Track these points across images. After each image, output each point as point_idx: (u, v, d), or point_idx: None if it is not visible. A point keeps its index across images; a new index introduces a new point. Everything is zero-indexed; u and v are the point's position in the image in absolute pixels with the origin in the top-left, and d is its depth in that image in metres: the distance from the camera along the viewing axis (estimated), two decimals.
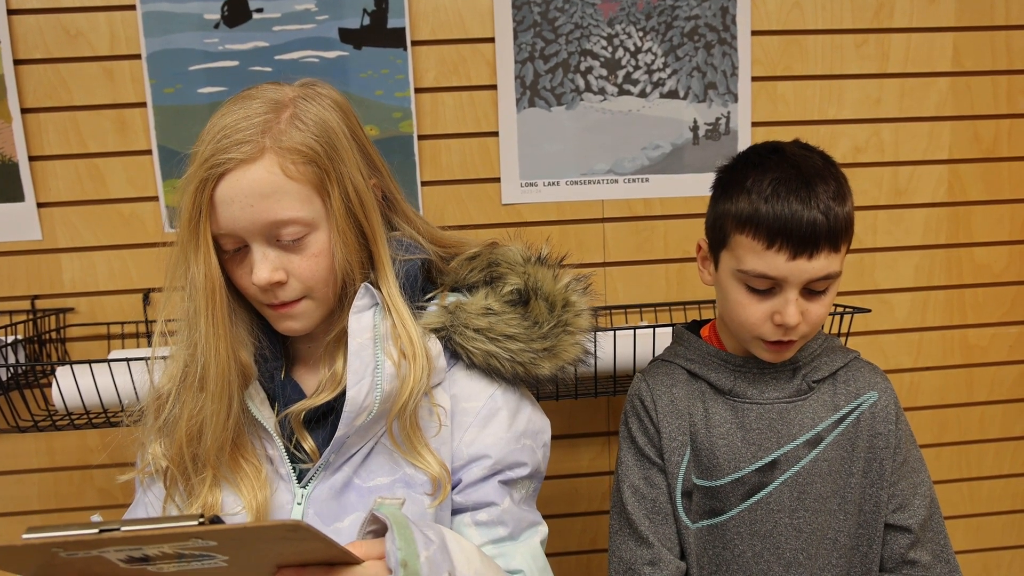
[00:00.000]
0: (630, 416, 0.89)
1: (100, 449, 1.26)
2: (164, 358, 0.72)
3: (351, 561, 0.52)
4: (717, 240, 0.82)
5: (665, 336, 1.02)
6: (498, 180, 1.27)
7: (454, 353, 0.74)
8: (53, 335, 1.21)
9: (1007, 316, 1.42)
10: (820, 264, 0.75)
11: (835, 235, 0.76)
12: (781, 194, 0.75)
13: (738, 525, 0.83)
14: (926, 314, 1.40)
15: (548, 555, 0.74)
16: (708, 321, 0.94)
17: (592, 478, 1.37)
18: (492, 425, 0.72)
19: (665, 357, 0.93)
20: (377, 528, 0.58)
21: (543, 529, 0.74)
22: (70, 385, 1.05)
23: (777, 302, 0.77)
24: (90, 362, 1.04)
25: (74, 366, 1.04)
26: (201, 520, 0.45)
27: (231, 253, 0.67)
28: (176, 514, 0.69)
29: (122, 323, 1.24)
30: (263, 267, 0.65)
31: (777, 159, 0.79)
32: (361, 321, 0.68)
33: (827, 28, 1.29)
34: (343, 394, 0.67)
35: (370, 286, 0.69)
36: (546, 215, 1.29)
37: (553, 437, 1.39)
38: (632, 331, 1.12)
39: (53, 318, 1.21)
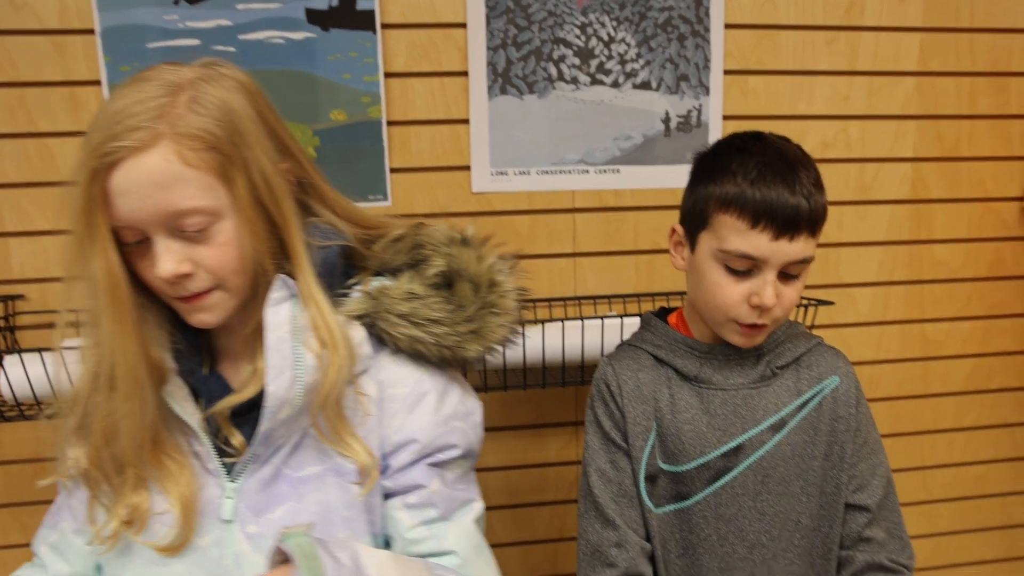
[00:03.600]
0: (596, 400, 0.89)
1: (54, 442, 1.21)
2: (69, 348, 0.68)
3: None
4: (696, 222, 0.83)
5: (633, 326, 1.02)
6: (468, 168, 1.26)
7: (380, 339, 0.72)
8: (1, 323, 1.16)
9: (963, 312, 1.46)
10: (799, 247, 0.78)
11: (814, 220, 0.78)
12: (767, 177, 0.77)
13: (703, 509, 0.84)
14: (887, 308, 1.44)
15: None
16: (676, 309, 0.95)
17: (560, 467, 1.37)
18: (419, 410, 0.71)
19: (632, 342, 0.93)
20: (286, 557, 0.58)
21: (478, 506, 0.74)
22: (19, 375, 1.01)
23: (755, 283, 0.79)
24: (40, 350, 1.00)
25: (23, 355, 1.00)
26: None
27: (133, 245, 0.64)
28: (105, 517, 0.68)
29: (76, 311, 1.19)
30: (167, 259, 0.62)
31: (760, 145, 0.81)
32: (279, 314, 0.66)
33: (799, 24, 1.30)
34: None
35: (287, 277, 0.67)
36: (517, 205, 1.28)
37: (521, 427, 1.39)
38: (600, 321, 1.13)
39: (1, 305, 1.16)
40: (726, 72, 1.29)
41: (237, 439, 0.68)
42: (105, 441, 0.65)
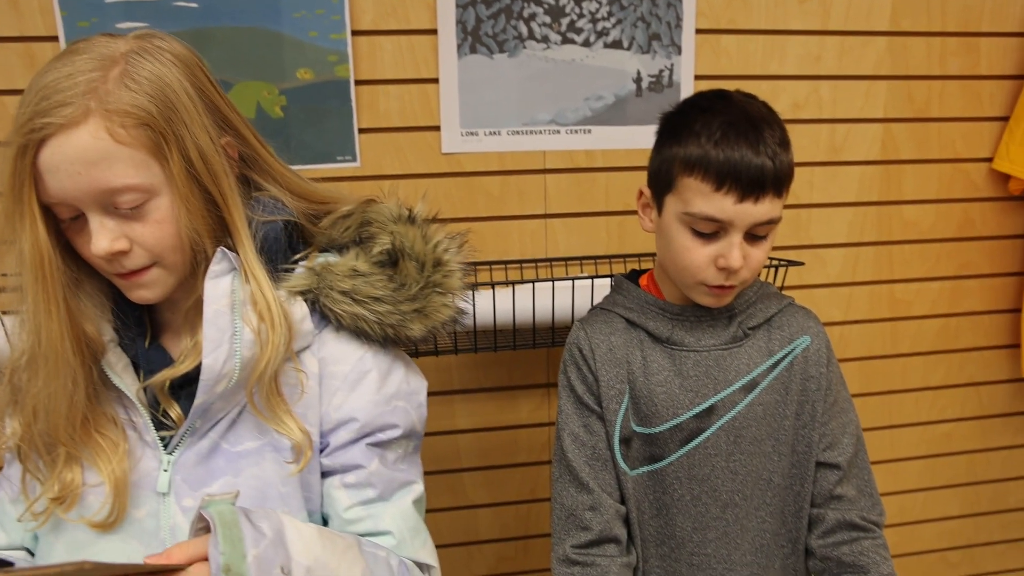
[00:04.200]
0: (569, 365, 0.89)
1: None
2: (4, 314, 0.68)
3: (170, 570, 0.52)
4: (662, 184, 0.82)
5: (604, 288, 1.02)
6: (438, 129, 1.24)
7: (324, 315, 0.72)
8: None
9: (932, 272, 1.48)
10: (765, 208, 0.77)
11: (780, 181, 0.77)
12: (731, 137, 0.75)
13: (676, 470, 0.84)
14: (857, 269, 1.45)
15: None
16: (647, 270, 0.95)
17: (532, 429, 1.38)
18: (360, 388, 0.71)
19: (604, 305, 0.92)
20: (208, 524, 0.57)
21: (417, 488, 0.74)
22: None
23: (721, 246, 0.78)
24: (3, 313, 0.98)
25: None
26: None
27: (68, 221, 0.63)
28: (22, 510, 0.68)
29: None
30: (101, 237, 0.61)
31: (724, 104, 0.79)
32: (218, 287, 0.65)
33: None
34: None
35: (227, 251, 0.66)
36: (487, 165, 1.27)
37: (493, 388, 1.39)
38: (571, 282, 1.13)
39: None
40: (698, 31, 1.28)
41: (175, 411, 0.67)
42: (34, 417, 0.65)
